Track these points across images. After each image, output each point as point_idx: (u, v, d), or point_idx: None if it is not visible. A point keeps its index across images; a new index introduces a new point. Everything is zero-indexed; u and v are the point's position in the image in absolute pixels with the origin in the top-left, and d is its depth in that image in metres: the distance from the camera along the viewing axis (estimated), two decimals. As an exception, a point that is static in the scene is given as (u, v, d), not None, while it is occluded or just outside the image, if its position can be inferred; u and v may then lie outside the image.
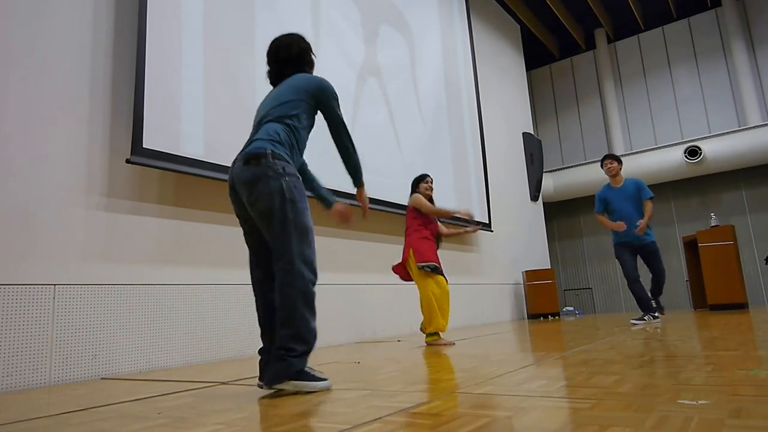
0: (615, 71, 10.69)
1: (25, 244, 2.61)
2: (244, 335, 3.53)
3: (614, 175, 4.67)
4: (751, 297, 7.71)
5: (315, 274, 1.82)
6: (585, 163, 10.35)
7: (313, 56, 2.16)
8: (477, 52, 7.56)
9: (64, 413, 1.67)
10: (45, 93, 2.79)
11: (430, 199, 3.93)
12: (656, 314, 4.68)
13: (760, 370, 1.69)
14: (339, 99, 2.06)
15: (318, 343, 1.83)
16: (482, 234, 7.02)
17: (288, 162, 1.85)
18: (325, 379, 1.79)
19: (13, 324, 2.48)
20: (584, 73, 11.10)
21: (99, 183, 2.97)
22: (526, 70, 9.96)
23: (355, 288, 4.60)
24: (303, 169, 2.14)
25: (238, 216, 1.96)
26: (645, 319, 4.58)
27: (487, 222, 6.89)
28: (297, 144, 1.95)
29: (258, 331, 1.92)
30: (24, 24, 2.77)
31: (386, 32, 5.55)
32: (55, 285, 2.66)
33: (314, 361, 2.96)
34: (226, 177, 3.52)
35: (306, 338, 1.75)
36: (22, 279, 2.55)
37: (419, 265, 3.60)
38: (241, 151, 1.91)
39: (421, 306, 3.63)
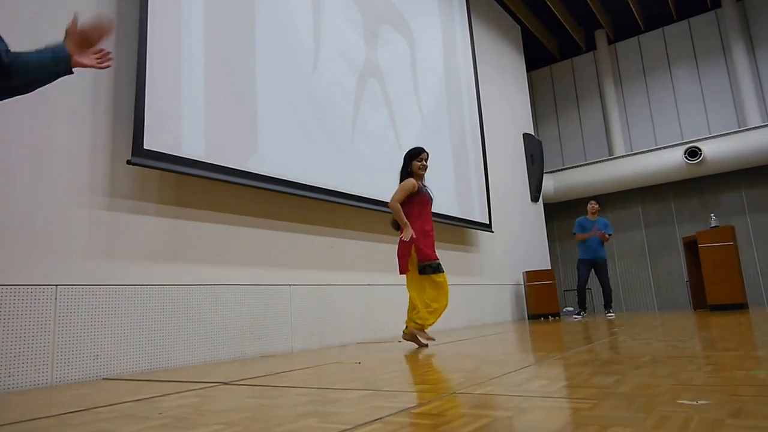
0: (615, 72, 10.69)
1: (27, 245, 2.61)
2: (244, 335, 3.52)
3: (594, 213, 6.65)
4: (751, 297, 7.70)
5: None
6: (585, 164, 10.35)
7: None
8: (477, 53, 7.56)
9: (65, 413, 1.67)
10: (47, 94, 2.79)
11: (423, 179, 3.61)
12: (583, 313, 6.58)
13: (760, 370, 1.69)
14: None
15: (318, 344, 1.83)
16: (482, 234, 7.02)
17: None
18: None
19: (14, 324, 2.49)
20: (584, 74, 11.11)
21: (100, 184, 2.97)
22: (527, 71, 9.96)
23: (355, 288, 4.60)
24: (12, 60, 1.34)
25: None
26: (581, 315, 6.53)
27: (488, 222, 6.90)
28: None
29: (259, 331, 1.89)
30: (25, 24, 2.78)
31: (387, 33, 5.55)
32: (56, 285, 2.67)
33: (315, 361, 2.97)
34: (226, 177, 3.56)
35: None
36: (24, 279, 2.56)
37: (420, 265, 3.42)
38: None
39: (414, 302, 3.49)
